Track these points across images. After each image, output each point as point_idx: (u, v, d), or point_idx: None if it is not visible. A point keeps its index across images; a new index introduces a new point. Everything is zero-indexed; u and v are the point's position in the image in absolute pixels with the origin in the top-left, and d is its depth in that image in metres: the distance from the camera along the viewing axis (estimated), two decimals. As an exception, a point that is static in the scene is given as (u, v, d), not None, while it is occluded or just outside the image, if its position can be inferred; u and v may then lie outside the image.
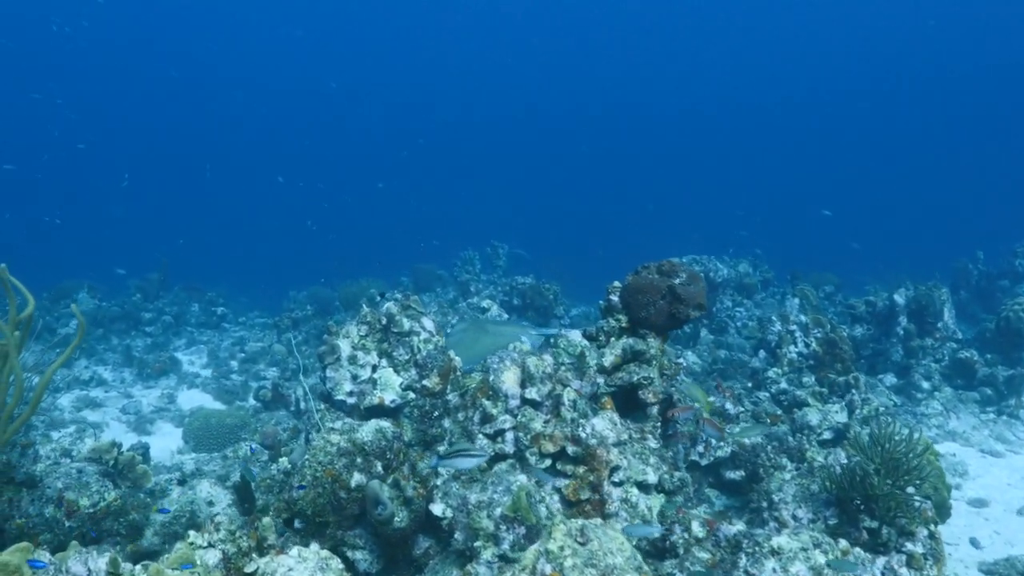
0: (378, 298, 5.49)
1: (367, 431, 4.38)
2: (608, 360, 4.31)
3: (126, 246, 25.53)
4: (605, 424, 4.14)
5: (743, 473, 5.60)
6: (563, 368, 4.51)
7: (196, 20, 48.63)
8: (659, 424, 4.48)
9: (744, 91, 50.42)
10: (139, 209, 36.39)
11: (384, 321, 5.33)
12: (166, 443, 7.17)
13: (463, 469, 4.02)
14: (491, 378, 4.46)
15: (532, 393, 4.30)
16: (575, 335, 5.90)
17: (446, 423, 4.83)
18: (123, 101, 46.57)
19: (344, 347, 5.18)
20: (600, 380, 4.54)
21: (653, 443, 4.26)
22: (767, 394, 6.99)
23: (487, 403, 4.38)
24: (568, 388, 4.36)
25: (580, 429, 4.11)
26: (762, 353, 7.75)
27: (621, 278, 4.67)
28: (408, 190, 40.64)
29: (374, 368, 5.14)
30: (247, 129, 49.09)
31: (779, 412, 6.79)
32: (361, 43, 51.61)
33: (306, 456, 4.17)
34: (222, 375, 9.53)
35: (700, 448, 5.60)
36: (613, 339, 4.40)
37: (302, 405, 7.63)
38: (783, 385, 7.01)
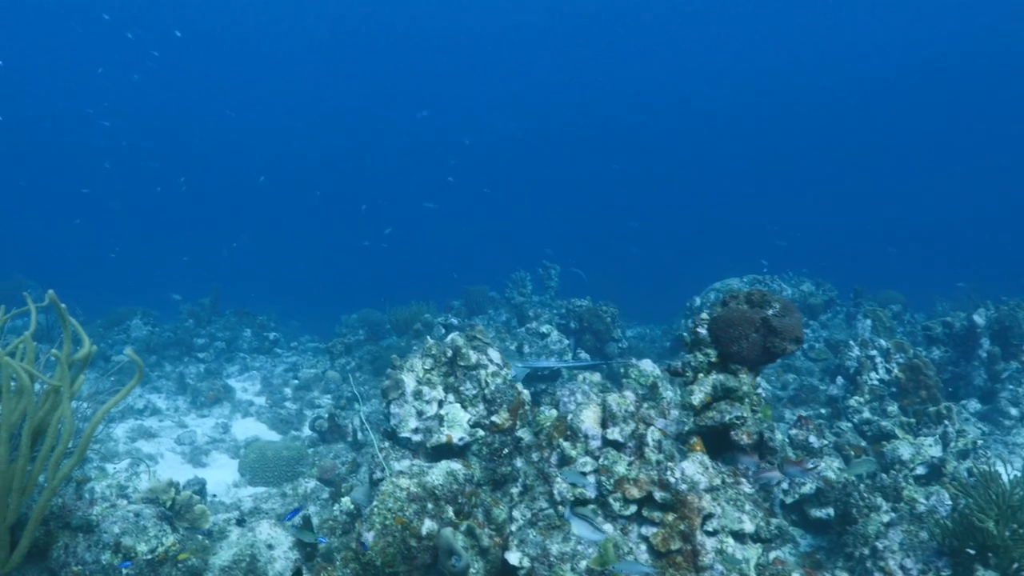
0: (442, 330, 5.23)
1: (438, 474, 4.11)
2: (697, 398, 3.99)
3: (176, 271, 25.77)
4: (696, 467, 3.82)
5: (831, 512, 5.24)
6: (646, 406, 4.20)
7: (248, 51, 49.41)
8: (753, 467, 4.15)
9: (774, 100, 49.88)
10: (188, 234, 36.83)
11: (450, 354, 5.07)
12: (222, 475, 6.98)
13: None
14: (569, 416, 4.17)
15: (615, 433, 4.00)
16: (647, 365, 5.58)
17: (518, 462, 4.55)
18: (176, 129, 47.43)
19: (409, 382, 4.92)
20: (675, 413, 4.24)
21: (747, 488, 3.92)
22: (849, 424, 6.59)
23: (565, 444, 4.08)
24: (652, 427, 4.05)
25: (669, 473, 3.80)
26: (840, 379, 7.35)
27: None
28: (456, 210, 40.63)
29: (440, 404, 4.88)
30: (291, 152, 49.62)
31: (863, 444, 6.40)
32: (406, 68, 51.85)
33: (375, 502, 3.91)
34: (276, 403, 9.36)
35: (784, 485, 5.26)
36: (702, 375, 4.07)
37: (359, 436, 7.40)
38: (866, 415, 6.60)
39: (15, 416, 3.27)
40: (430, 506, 3.95)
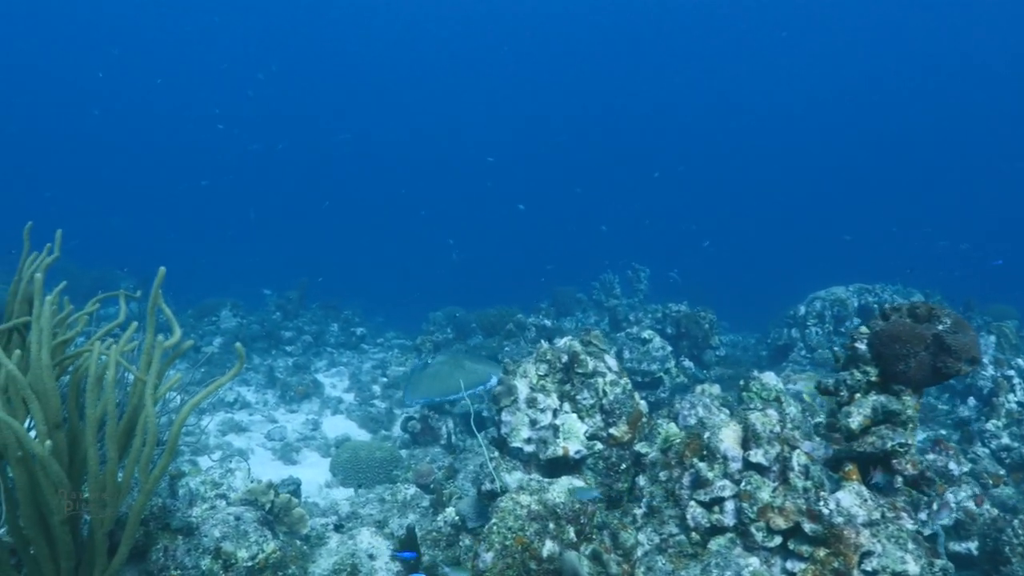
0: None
1: (559, 491, 3.78)
2: (856, 421, 3.57)
3: (263, 265, 26.15)
4: (852, 498, 3.41)
5: (974, 546, 4.77)
6: (789, 426, 3.80)
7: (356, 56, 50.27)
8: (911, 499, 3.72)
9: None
10: (268, 229, 37.48)
11: (564, 359, 4.74)
12: (313, 475, 6.79)
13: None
14: (707, 435, 3.79)
15: (758, 456, 3.61)
16: (770, 378, 5.17)
17: (641, 481, 4.19)
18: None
19: (522, 388, 4.61)
20: (815, 436, 3.84)
21: (909, 523, 3.49)
22: (986, 450, 6.05)
23: (701, 465, 3.71)
24: (798, 450, 3.66)
25: (821, 503, 3.40)
26: (971, 400, 6.79)
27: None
28: (543, 211, 40.51)
29: (555, 413, 4.55)
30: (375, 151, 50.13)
31: (1001, 472, 5.86)
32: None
33: (493, 520, 3.61)
34: (365, 401, 9.17)
35: (922, 515, 4.79)
36: (859, 395, 3.65)
37: (453, 440, 7.13)
38: (1005, 440, 6.05)
39: (99, 411, 3.05)
40: (551, 526, 3.63)
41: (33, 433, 2.82)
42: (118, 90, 46.43)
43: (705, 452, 3.76)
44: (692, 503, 3.70)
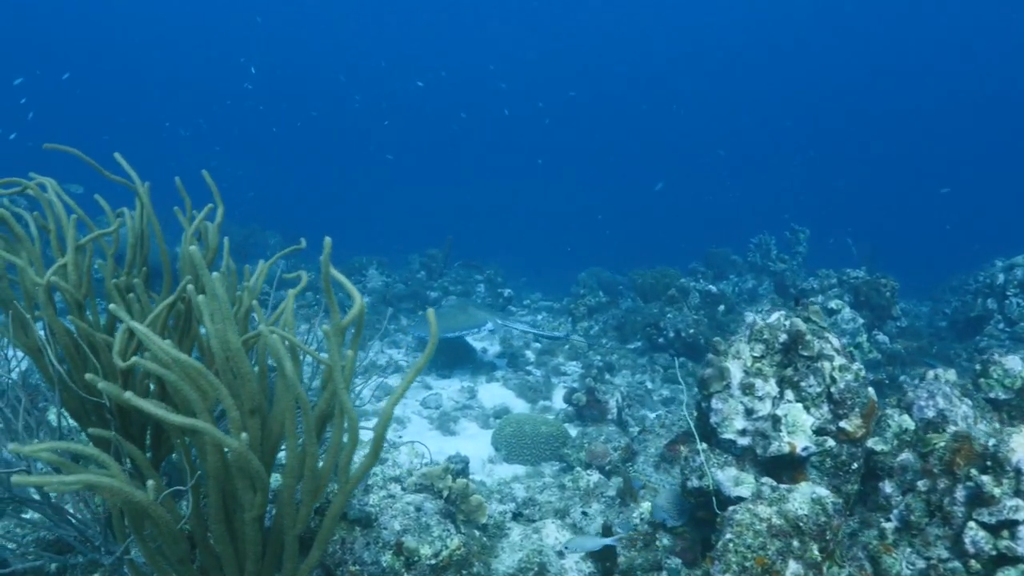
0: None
1: (801, 501, 3.17)
2: None
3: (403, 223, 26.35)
4: None
5: None
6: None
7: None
8: None
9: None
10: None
11: (784, 338, 4.08)
12: (473, 448, 6.40)
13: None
14: (990, 441, 3.09)
15: (1065, 472, 2.89)
16: (1014, 362, 4.37)
17: (887, 487, 3.54)
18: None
19: (735, 372, 3.99)
20: None
21: None
22: None
23: (984, 478, 3.02)
24: (1112, 465, 2.91)
25: None
26: None
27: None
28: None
29: (774, 402, 3.91)
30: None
31: None
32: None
33: (728, 535, 3.03)
34: (519, 367, 8.73)
35: None
36: None
37: (623, 416, 6.59)
38: None
39: (282, 406, 2.64)
40: (795, 544, 3.03)
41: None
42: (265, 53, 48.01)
43: (989, 462, 3.06)
44: (971, 523, 3.02)
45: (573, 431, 6.48)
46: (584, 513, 4.61)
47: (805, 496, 3.21)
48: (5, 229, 2.87)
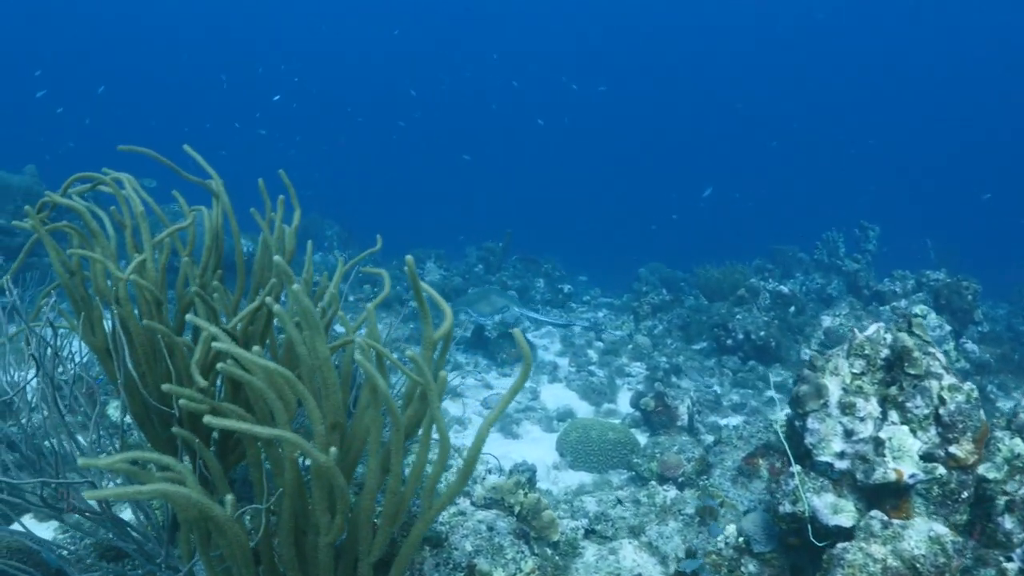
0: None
1: (918, 539, 2.91)
2: None
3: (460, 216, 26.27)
4: None
5: None
6: None
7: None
8: None
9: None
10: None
11: (884, 354, 3.79)
12: (537, 452, 6.20)
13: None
14: None
15: None
16: None
17: (1007, 523, 3.25)
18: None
19: (834, 389, 3.72)
20: None
21: None
22: None
23: None
24: None
25: None
26: None
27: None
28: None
29: (876, 423, 3.63)
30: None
31: None
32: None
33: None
34: (581, 367, 8.50)
35: None
36: None
37: (695, 423, 6.33)
38: None
39: (365, 422, 2.45)
40: (911, 587, 2.76)
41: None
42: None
43: None
44: (1113, 573, 2.73)
45: (640, 437, 6.24)
46: (660, 533, 4.37)
47: (922, 534, 2.94)
48: (81, 224, 2.72)
